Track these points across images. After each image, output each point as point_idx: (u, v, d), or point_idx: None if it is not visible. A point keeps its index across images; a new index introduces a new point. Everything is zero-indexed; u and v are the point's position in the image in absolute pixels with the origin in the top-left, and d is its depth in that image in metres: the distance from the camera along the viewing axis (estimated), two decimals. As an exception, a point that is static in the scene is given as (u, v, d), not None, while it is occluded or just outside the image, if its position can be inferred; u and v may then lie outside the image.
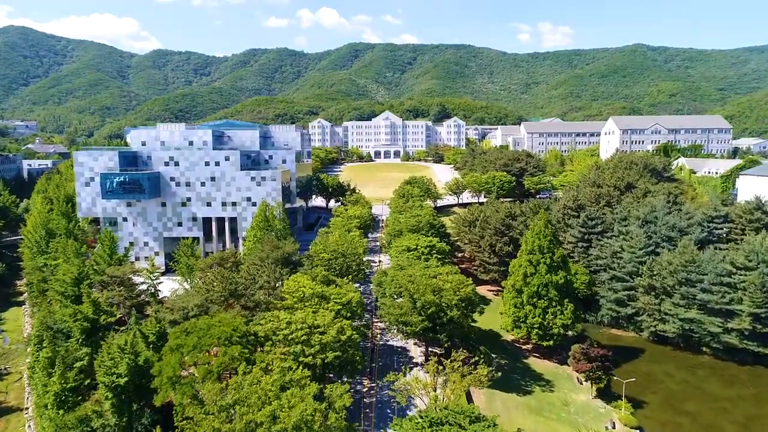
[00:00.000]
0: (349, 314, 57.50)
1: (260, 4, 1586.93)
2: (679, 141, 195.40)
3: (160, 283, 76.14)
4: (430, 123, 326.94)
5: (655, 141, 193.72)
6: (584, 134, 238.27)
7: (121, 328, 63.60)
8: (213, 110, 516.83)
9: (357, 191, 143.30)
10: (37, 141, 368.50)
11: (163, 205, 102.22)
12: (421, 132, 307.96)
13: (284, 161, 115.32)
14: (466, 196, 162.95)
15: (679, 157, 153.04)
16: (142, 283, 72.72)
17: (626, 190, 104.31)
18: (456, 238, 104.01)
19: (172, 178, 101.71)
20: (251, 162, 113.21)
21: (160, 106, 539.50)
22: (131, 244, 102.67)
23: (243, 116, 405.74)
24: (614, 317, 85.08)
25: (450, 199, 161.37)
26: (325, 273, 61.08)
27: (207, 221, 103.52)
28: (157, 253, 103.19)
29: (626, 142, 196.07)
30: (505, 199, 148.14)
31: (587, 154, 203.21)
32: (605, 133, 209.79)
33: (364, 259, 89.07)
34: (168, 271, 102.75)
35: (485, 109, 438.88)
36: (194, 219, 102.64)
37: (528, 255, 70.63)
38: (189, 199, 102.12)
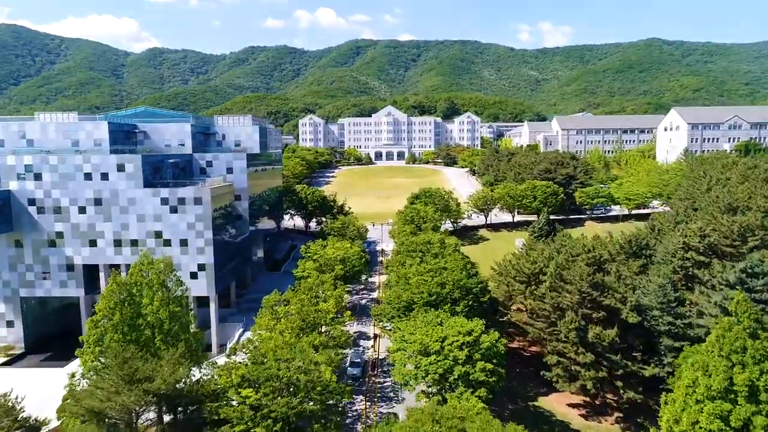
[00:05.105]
0: None
1: (258, 5, 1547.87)
2: (764, 138, 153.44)
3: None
4: (439, 119, 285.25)
5: (734, 138, 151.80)
6: (633, 130, 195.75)
7: None
8: (206, 108, 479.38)
9: (347, 210, 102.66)
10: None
11: (18, 244, 62.06)
12: (428, 130, 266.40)
13: (230, 169, 75.00)
14: (495, 213, 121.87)
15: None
16: None
17: (780, 217, 63.30)
18: (503, 298, 63.20)
19: (31, 201, 61.59)
20: (179, 171, 73.01)
21: (151, 104, 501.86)
22: (-32, 308, 62.72)
23: (233, 114, 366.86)
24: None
25: (473, 217, 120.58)
26: None
27: (92, 270, 63.25)
28: (10, 323, 63.16)
29: (696, 139, 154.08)
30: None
31: (641, 155, 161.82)
32: (665, 129, 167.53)
33: (350, 329, 49.40)
34: (31, 352, 63.16)
35: (499, 104, 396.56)
36: (70, 267, 62.37)
37: (714, 390, 29.91)
38: (60, 235, 61.94)
